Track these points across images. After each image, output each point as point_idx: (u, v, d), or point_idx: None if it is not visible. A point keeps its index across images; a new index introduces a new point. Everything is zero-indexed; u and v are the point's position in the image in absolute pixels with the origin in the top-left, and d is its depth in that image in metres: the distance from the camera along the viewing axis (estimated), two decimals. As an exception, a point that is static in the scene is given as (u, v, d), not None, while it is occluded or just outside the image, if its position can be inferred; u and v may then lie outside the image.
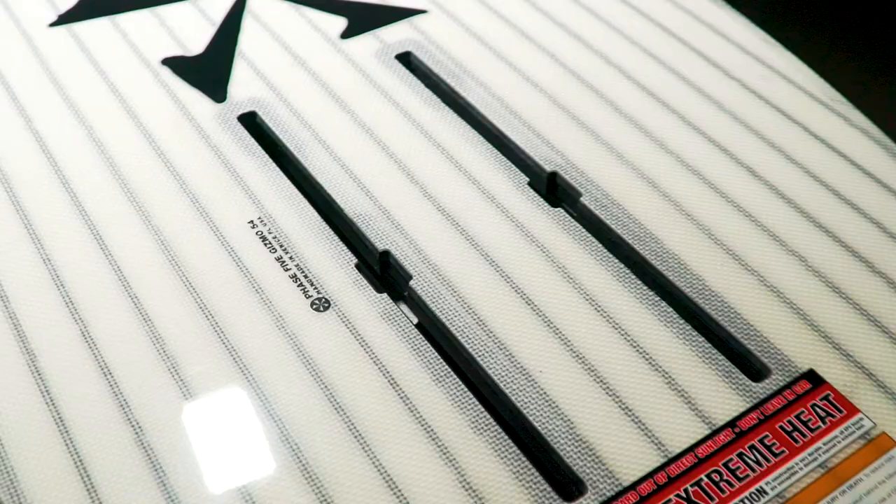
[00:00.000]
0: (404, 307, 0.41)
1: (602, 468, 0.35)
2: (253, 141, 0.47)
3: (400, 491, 0.34)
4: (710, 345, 0.39)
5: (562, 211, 0.44)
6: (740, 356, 0.39)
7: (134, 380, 0.37)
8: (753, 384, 0.38)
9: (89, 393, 0.37)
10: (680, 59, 0.52)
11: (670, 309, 0.40)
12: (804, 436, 0.36)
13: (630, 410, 0.37)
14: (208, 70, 0.51)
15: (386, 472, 0.35)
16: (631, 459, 0.35)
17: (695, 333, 0.39)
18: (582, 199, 0.45)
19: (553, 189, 0.46)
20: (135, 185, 0.45)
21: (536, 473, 0.35)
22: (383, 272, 0.43)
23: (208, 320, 0.39)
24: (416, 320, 0.41)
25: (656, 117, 0.49)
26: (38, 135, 0.47)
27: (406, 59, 0.53)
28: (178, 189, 0.45)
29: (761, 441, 0.36)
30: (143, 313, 0.39)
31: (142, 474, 0.34)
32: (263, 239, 0.43)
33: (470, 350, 0.39)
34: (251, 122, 0.49)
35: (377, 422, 0.36)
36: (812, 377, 0.38)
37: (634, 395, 0.37)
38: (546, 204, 0.44)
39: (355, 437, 0.35)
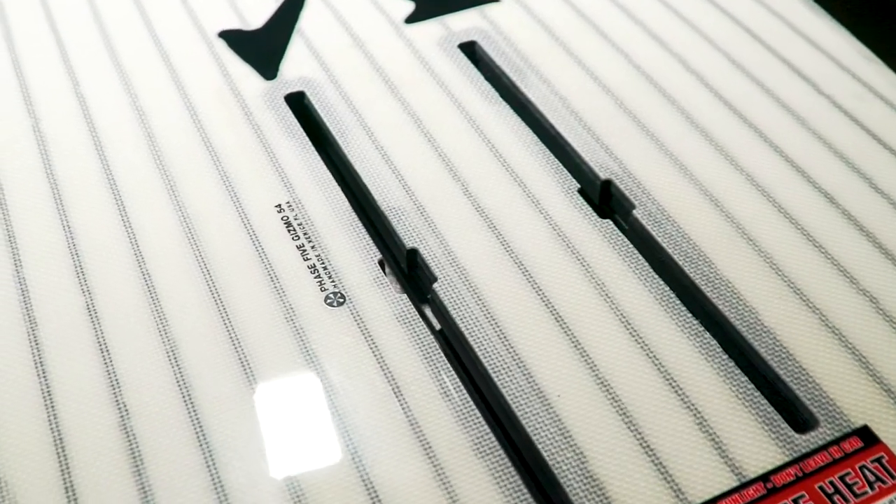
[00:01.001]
0: (426, 309, 0.39)
1: (609, 511, 0.32)
2: (296, 122, 0.45)
3: (384, 509, 0.31)
4: (752, 386, 0.35)
5: (610, 223, 0.41)
6: (786, 402, 0.35)
7: (128, 360, 0.35)
8: (796, 435, 0.33)
9: (82, 368, 0.35)
10: (766, 69, 0.48)
11: (714, 341, 0.36)
12: (846, 501, 0.32)
13: (651, 450, 0.33)
14: (263, 46, 0.50)
15: (373, 486, 0.32)
16: (643, 505, 0.32)
17: (737, 371, 0.35)
18: (635, 211, 0.41)
19: (606, 198, 0.43)
20: (168, 156, 0.44)
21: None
22: (410, 271, 0.40)
23: (216, 304, 0.37)
24: (437, 326, 0.38)
25: (731, 130, 0.45)
26: (83, 98, 0.47)
27: (470, 50, 0.50)
28: (210, 164, 0.43)
29: (795, 501, 0.32)
30: (152, 290, 0.38)
31: (119, 458, 0.33)
32: (288, 225, 0.40)
33: (486, 364, 0.36)
34: (298, 103, 0.47)
35: (373, 430, 0.33)
36: (865, 435, 0.33)
37: (658, 432, 0.33)
38: (594, 214, 0.41)
39: (347, 444, 0.33)
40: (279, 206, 0.41)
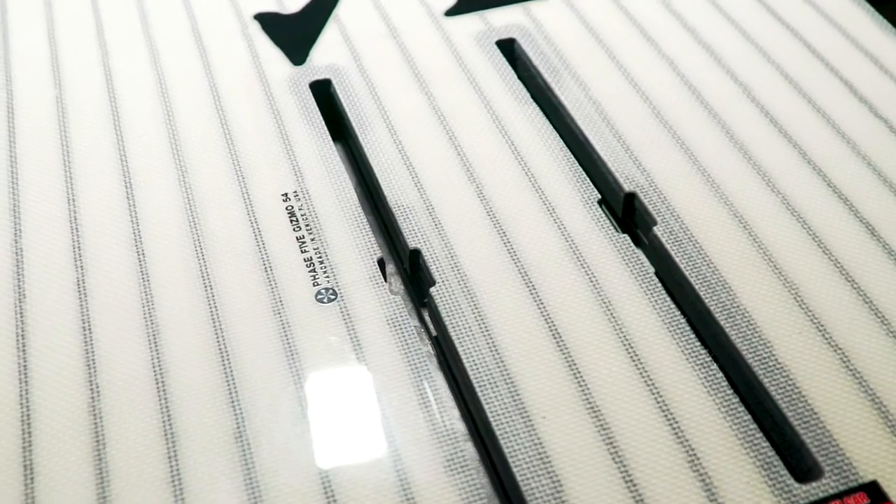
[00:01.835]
0: (423, 313, 0.37)
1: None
2: (317, 109, 0.44)
3: (341, 521, 0.30)
4: (756, 426, 0.32)
5: (628, 238, 0.38)
6: (790, 447, 0.32)
7: (109, 341, 0.35)
8: (796, 484, 0.31)
9: (62, 345, 0.35)
10: (821, 87, 0.45)
11: (720, 374, 0.34)
12: (842, 563, 0.29)
13: (634, 484, 0.31)
14: (297, 30, 0.49)
15: (332, 493, 0.30)
16: (616, 544, 0.29)
17: (741, 409, 0.32)
18: (655, 228, 0.39)
19: (628, 212, 0.40)
20: (184, 136, 0.43)
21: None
22: (413, 272, 0.39)
23: (205, 290, 0.36)
24: (433, 331, 0.37)
25: (773, 149, 0.42)
26: (110, 71, 0.46)
27: (508, 47, 0.48)
28: (224, 147, 0.42)
29: (784, 557, 0.29)
30: (144, 271, 0.37)
31: (82, 439, 0.32)
32: (291, 215, 0.39)
33: (472, 377, 0.34)
34: (323, 90, 0.46)
35: (343, 435, 0.32)
36: (873, 491, 0.30)
37: (645, 466, 0.31)
38: (612, 227, 0.39)
39: (313, 448, 0.31)
40: (286, 194, 0.40)
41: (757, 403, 0.33)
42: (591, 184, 0.40)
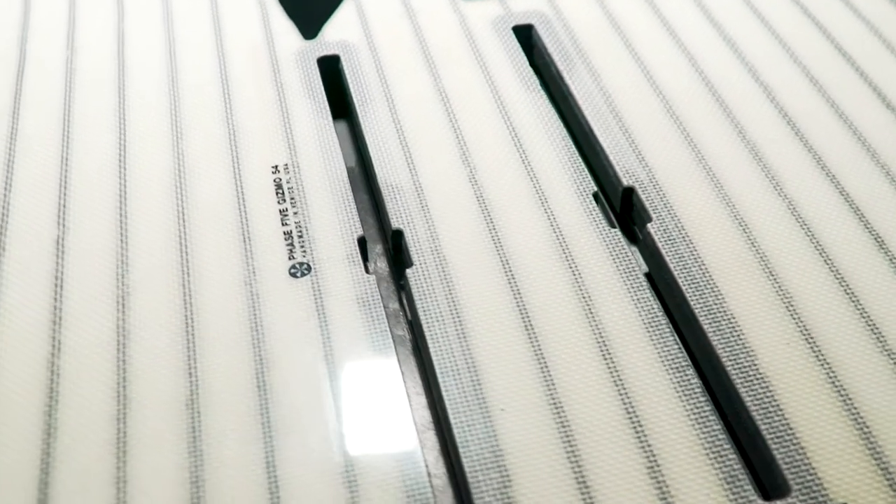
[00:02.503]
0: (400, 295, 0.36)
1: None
2: (321, 85, 0.43)
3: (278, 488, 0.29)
4: (725, 437, 0.30)
5: (619, 233, 0.37)
6: (759, 462, 0.30)
7: (78, 298, 0.34)
8: (761, 501, 0.29)
9: (32, 300, 0.34)
10: (847, 91, 0.42)
11: (696, 380, 0.32)
12: (796, 587, 0.27)
13: (585, 486, 0.29)
14: (313, 6, 0.48)
15: (275, 473, 0.30)
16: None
17: (712, 417, 0.31)
18: (650, 225, 0.37)
19: (624, 207, 0.39)
20: (185, 101, 0.43)
21: (438, 526, 0.29)
22: (395, 254, 0.38)
23: (180, 255, 0.36)
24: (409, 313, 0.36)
25: (786, 152, 0.40)
26: (122, 34, 0.46)
27: (525, 33, 0.47)
28: (221, 114, 0.42)
29: (735, 576, 0.27)
30: (124, 232, 0.37)
31: (36, 394, 0.32)
32: (278, 187, 0.39)
33: (435, 364, 0.33)
34: (330, 67, 0.45)
35: (295, 412, 0.31)
36: (842, 515, 0.29)
37: (600, 469, 0.29)
38: (604, 221, 0.37)
39: (262, 423, 0.31)
40: (276, 167, 0.39)
41: (731, 413, 0.32)
42: (588, 175, 0.39)
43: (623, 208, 0.39)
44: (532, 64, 0.46)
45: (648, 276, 0.37)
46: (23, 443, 0.30)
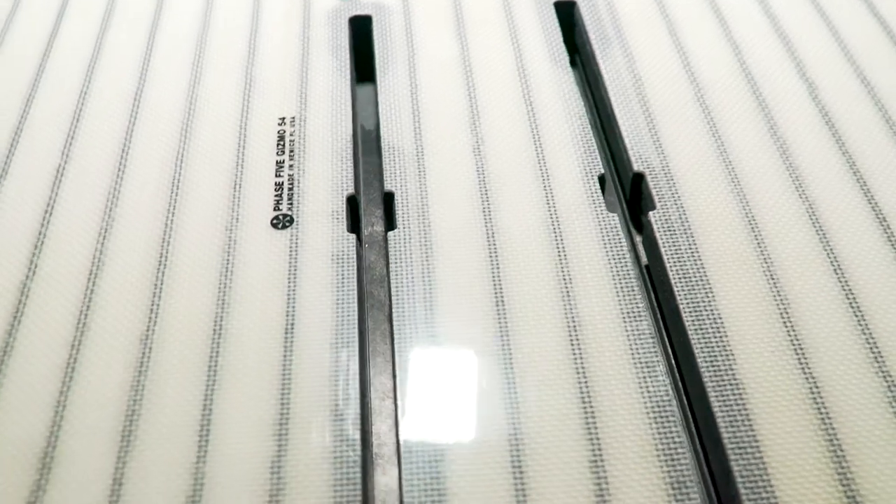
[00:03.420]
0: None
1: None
2: (348, 44, 0.43)
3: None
4: (683, 438, 0.28)
5: (615, 219, 0.35)
6: (719, 471, 0.28)
7: (63, 226, 0.35)
8: (704, 512, 0.27)
9: (20, 223, 0.35)
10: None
11: (664, 378, 0.30)
12: None
13: (520, 470, 0.28)
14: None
15: (208, 431, 0.29)
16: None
17: (673, 419, 0.29)
18: (651, 213, 0.35)
19: (635, 193, 0.37)
20: (211, 45, 0.43)
21: (357, 492, 0.27)
22: (386, 216, 0.37)
23: (171, 193, 0.36)
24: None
25: (817, 153, 0.37)
26: (165, -20, 0.47)
27: (566, 9, 0.45)
28: (242, 61, 0.42)
29: (658, 586, 0.25)
30: (122, 166, 0.37)
31: (2, 315, 0.32)
32: (280, 138, 0.38)
33: (395, 332, 0.31)
34: (361, 27, 0.44)
35: (237, 361, 0.30)
36: (790, 538, 0.26)
37: (540, 456, 0.28)
38: (603, 203, 0.35)
39: (209, 367, 0.30)
40: (283, 118, 0.39)
41: (701, 417, 0.30)
42: (598, 157, 0.37)
43: (632, 195, 0.37)
44: (571, 42, 0.44)
45: (647, 267, 0.35)
46: (-22, 357, 0.31)
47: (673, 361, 0.32)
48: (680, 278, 0.32)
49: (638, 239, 0.36)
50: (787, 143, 0.37)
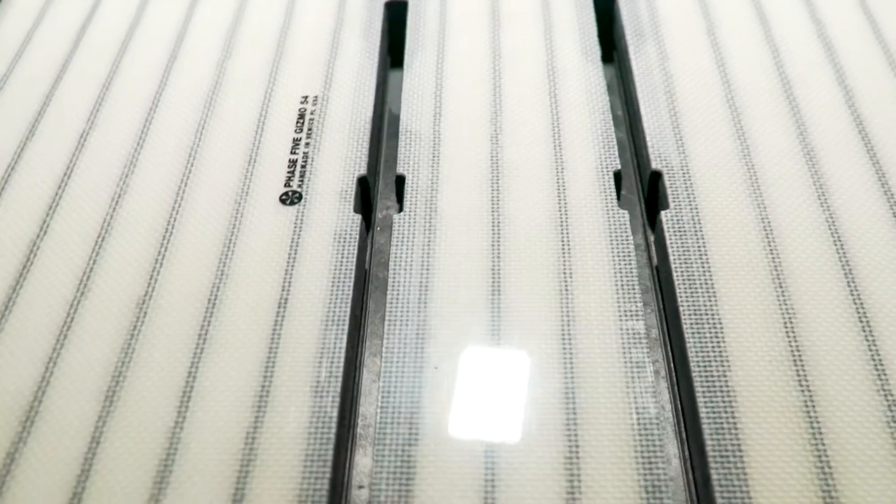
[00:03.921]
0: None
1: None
2: (380, 28, 0.43)
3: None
4: (662, 443, 0.27)
5: (626, 215, 0.34)
6: (701, 477, 0.27)
7: (79, 188, 0.35)
8: (675, 519, 0.26)
9: (40, 183, 0.36)
10: (942, 109, 0.37)
11: (651, 378, 0.29)
12: None
13: (492, 463, 0.27)
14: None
15: (191, 390, 0.29)
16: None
17: (656, 422, 0.28)
18: (663, 212, 0.34)
19: (652, 191, 0.36)
20: (245, 22, 0.43)
21: (326, 469, 0.27)
22: (398, 198, 0.36)
23: (186, 161, 0.36)
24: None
25: (844, 162, 0.35)
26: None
27: (608, 5, 0.44)
28: (274, 38, 0.42)
29: (616, 589, 0.25)
30: (142, 138, 0.37)
31: (11, 272, 0.33)
32: (300, 116, 0.38)
33: (388, 314, 0.31)
34: (397, 11, 0.44)
35: (228, 331, 0.30)
36: (762, 552, 0.25)
37: (514, 449, 0.27)
38: (615, 200, 0.34)
39: (199, 336, 0.30)
40: (306, 97, 0.39)
41: (690, 422, 0.29)
42: (615, 153, 0.36)
43: (650, 193, 0.36)
44: (609, 37, 0.44)
45: (657, 267, 0.34)
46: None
47: (672, 364, 0.32)
48: (684, 280, 0.32)
49: (653, 238, 0.36)
50: (815, 150, 0.36)
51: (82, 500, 0.26)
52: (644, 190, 0.36)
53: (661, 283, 0.34)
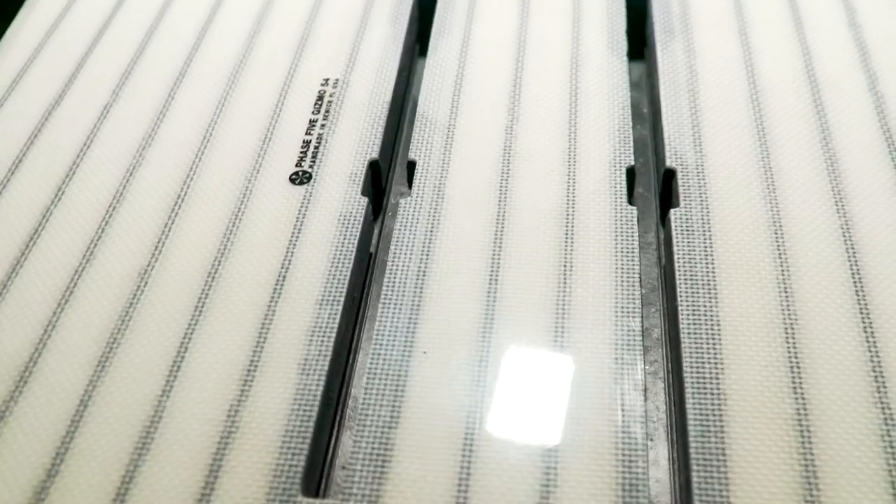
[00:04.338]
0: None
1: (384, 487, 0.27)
2: (408, 15, 0.43)
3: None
4: (644, 446, 0.27)
5: (634, 212, 0.33)
6: (683, 480, 0.27)
7: (96, 158, 0.36)
8: (647, 519, 0.25)
9: (59, 152, 0.37)
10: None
11: (640, 376, 0.28)
12: None
13: (470, 450, 0.27)
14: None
15: (179, 366, 0.30)
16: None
17: (640, 421, 0.27)
18: (673, 211, 0.33)
19: (666, 188, 0.35)
20: (275, 4, 0.43)
21: (305, 446, 0.27)
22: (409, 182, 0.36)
23: (203, 136, 0.37)
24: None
25: (867, 169, 0.34)
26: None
27: (639, 2, 0.43)
28: (302, 20, 0.42)
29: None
30: (164, 111, 0.38)
31: (21, 236, 0.34)
32: (319, 98, 0.38)
33: (383, 296, 0.31)
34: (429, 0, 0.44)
35: (225, 308, 0.31)
36: (734, 560, 0.25)
37: (493, 441, 0.27)
38: (625, 195, 0.34)
39: (195, 309, 0.31)
40: (327, 80, 0.39)
41: (679, 423, 0.28)
42: (630, 149, 0.35)
43: (664, 190, 0.35)
44: (642, 34, 0.43)
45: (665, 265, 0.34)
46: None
47: (670, 364, 0.31)
48: (686, 279, 0.31)
49: (662, 236, 0.35)
50: (836, 155, 0.35)
51: (64, 461, 0.27)
52: (659, 187, 0.36)
53: (666, 282, 0.33)
